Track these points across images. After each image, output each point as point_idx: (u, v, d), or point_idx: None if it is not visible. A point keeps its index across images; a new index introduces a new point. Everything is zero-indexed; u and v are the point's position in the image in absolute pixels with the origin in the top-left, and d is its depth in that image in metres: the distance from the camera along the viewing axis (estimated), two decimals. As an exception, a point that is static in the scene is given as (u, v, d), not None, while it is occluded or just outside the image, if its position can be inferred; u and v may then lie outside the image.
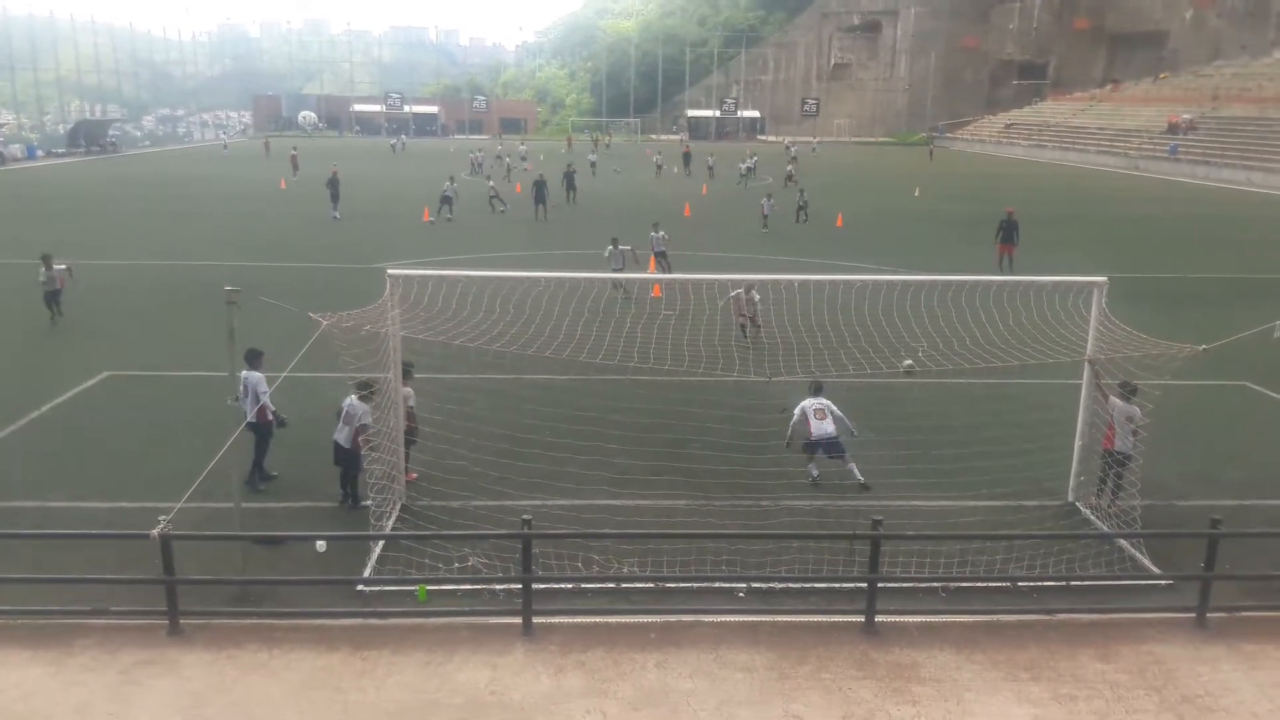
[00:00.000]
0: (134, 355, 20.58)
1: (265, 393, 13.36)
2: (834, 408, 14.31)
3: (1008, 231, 32.11)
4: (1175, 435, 15.37)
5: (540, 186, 45.10)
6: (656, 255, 30.14)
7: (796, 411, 14.41)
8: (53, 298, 23.28)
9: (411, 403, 13.78)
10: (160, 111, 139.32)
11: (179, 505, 10.49)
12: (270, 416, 13.60)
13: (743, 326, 21.22)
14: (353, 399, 12.90)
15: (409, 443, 13.71)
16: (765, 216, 42.50)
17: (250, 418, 12.91)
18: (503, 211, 46.05)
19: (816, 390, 14.65)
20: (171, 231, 39.14)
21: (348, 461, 13.05)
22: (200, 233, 38.94)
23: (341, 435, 12.97)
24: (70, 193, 55.01)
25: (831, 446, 14.08)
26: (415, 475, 13.88)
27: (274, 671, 9.44)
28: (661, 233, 30.49)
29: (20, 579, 10.68)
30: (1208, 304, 27.28)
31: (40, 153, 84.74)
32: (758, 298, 21.01)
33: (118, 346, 21.32)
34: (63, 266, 23.48)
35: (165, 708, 8.85)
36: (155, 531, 9.76)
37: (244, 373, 13.08)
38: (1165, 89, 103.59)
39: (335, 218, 42.93)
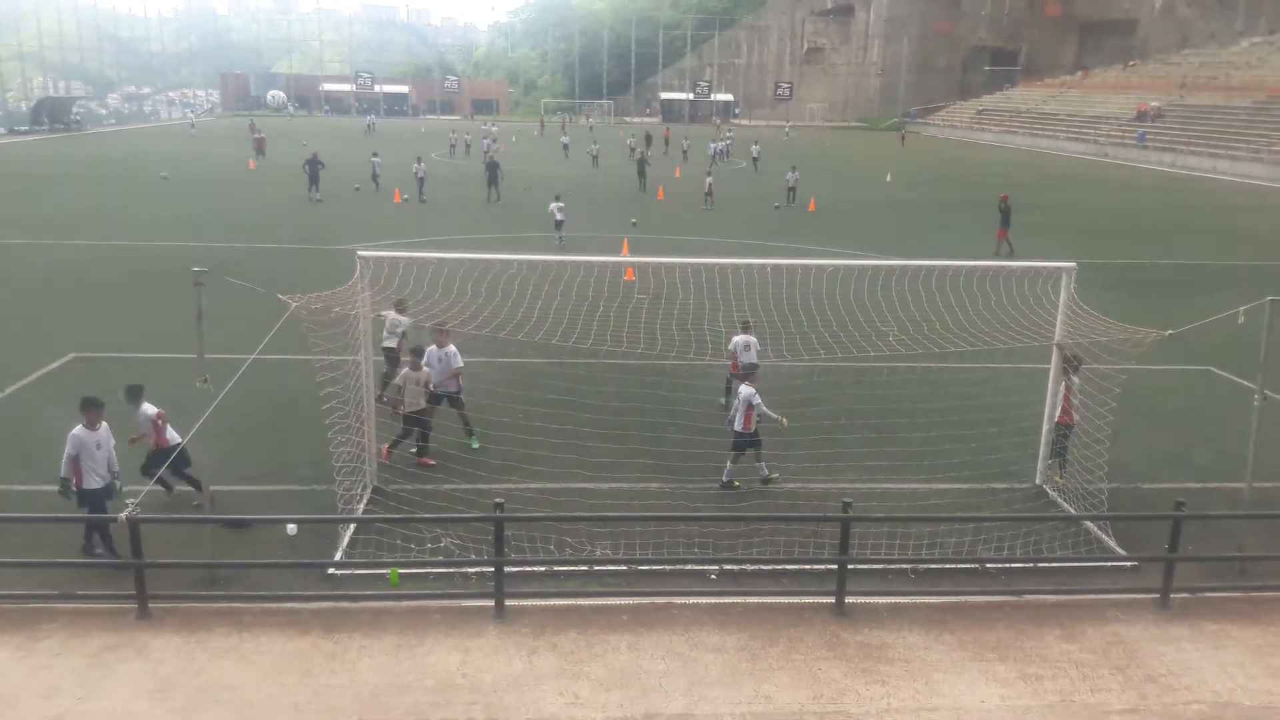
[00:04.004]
0: (101, 336, 20.32)
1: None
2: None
3: (1004, 217, 33.01)
4: (1141, 419, 15.59)
5: (494, 169, 44.79)
6: (556, 224, 32.50)
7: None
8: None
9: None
10: (126, 89, 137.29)
11: (147, 488, 10.41)
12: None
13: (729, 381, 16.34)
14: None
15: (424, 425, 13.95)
16: (708, 194, 43.41)
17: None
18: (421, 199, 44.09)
19: (746, 328, 15.92)
20: (139, 211, 38.58)
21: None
22: (168, 212, 38.41)
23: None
24: (33, 171, 54.06)
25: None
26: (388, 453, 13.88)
27: (244, 655, 9.38)
28: (560, 203, 32.95)
29: (-15, 563, 10.55)
30: (1173, 290, 27.62)
31: (2, 130, 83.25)
32: (757, 348, 15.92)
33: (84, 327, 21.04)
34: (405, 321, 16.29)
35: (134, 691, 8.78)
36: (123, 515, 9.67)
37: None
38: (1134, 76, 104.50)
39: (318, 199, 42.23)
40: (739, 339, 15.74)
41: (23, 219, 36.22)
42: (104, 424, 11.10)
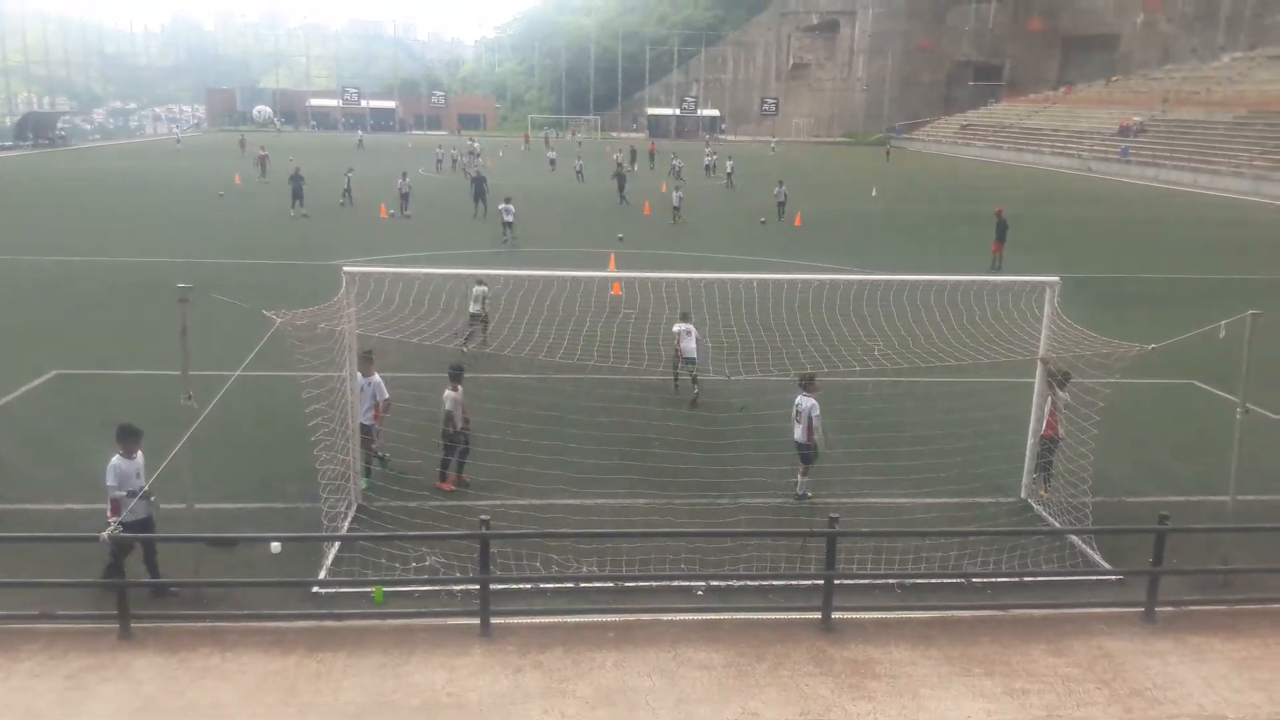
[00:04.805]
0: (83, 353, 20.19)
1: None
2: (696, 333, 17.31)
3: (999, 231, 33.29)
4: (1125, 433, 15.65)
5: (480, 183, 44.86)
6: (505, 225, 36.52)
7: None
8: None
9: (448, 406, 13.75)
10: (111, 104, 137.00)
11: (130, 506, 10.31)
12: None
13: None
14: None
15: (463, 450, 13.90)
16: (676, 209, 43.23)
17: None
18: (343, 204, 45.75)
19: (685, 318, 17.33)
20: (123, 226, 38.43)
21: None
22: (153, 228, 38.30)
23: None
24: (17, 186, 53.82)
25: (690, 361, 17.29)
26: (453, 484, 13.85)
27: (227, 675, 9.30)
28: (510, 205, 36.65)
29: (-36, 583, 10.43)
30: (1156, 304, 27.80)
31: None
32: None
33: (66, 344, 20.91)
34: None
35: (115, 712, 8.69)
36: (105, 534, 9.59)
37: None
38: (1117, 91, 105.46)
39: (305, 215, 41.97)
40: (679, 326, 17.22)
41: (4, 235, 36.03)
42: (140, 452, 10.81)
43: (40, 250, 32.56)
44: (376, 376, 13.73)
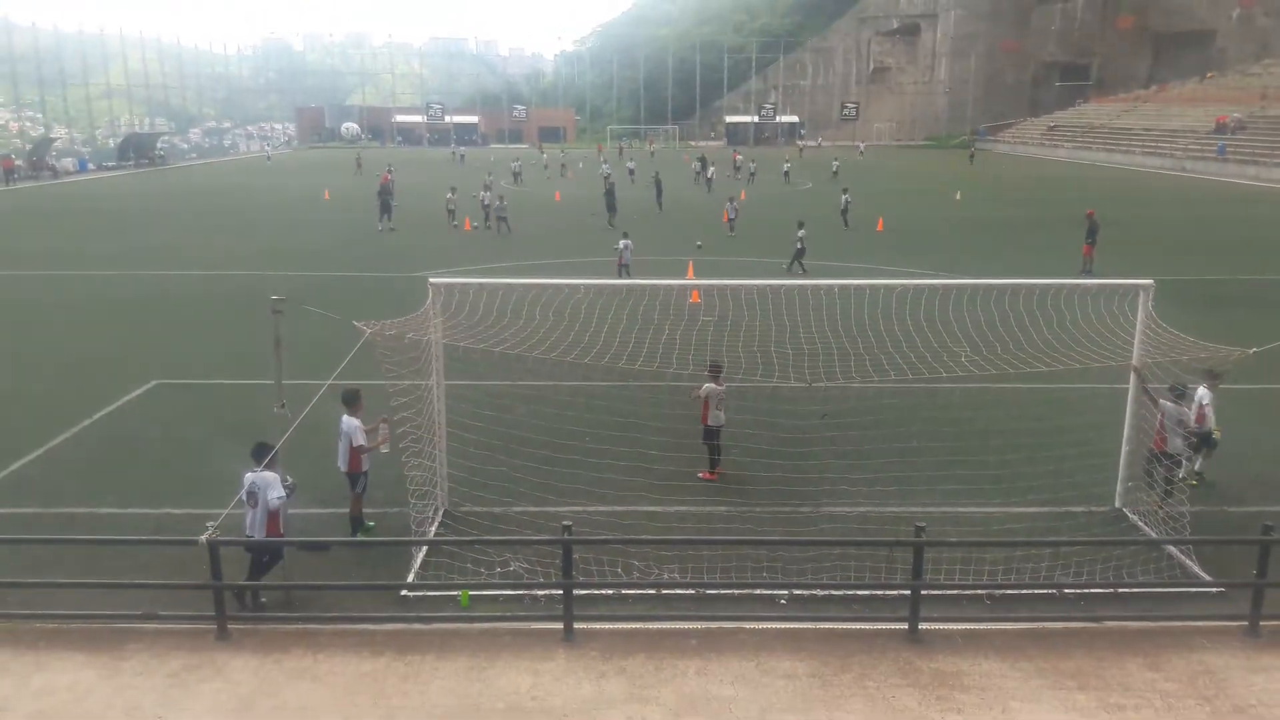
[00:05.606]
0: (182, 364, 20.94)
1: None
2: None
3: (1090, 233, 32.70)
4: (1225, 440, 15.07)
5: (610, 195, 45.84)
6: (499, 219, 42.12)
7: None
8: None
9: None
10: (207, 124, 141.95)
11: (226, 511, 10.65)
12: None
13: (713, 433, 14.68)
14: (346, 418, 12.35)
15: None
16: (731, 220, 42.20)
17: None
18: (455, 226, 44.72)
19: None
20: (218, 241, 39.79)
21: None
22: (247, 243, 39.57)
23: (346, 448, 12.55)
24: (121, 205, 56.12)
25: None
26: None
27: (318, 676, 9.54)
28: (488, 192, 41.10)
29: (73, 584, 10.91)
30: (1258, 306, 26.74)
31: (91, 166, 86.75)
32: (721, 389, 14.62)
33: (167, 355, 21.71)
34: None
35: (213, 711, 8.98)
36: (204, 538, 9.92)
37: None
38: (1212, 88, 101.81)
39: (392, 229, 42.75)
40: (622, 242, 15.42)
41: (110, 251, 37.59)
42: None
43: (143, 265, 33.92)
44: (356, 420, 12.47)
